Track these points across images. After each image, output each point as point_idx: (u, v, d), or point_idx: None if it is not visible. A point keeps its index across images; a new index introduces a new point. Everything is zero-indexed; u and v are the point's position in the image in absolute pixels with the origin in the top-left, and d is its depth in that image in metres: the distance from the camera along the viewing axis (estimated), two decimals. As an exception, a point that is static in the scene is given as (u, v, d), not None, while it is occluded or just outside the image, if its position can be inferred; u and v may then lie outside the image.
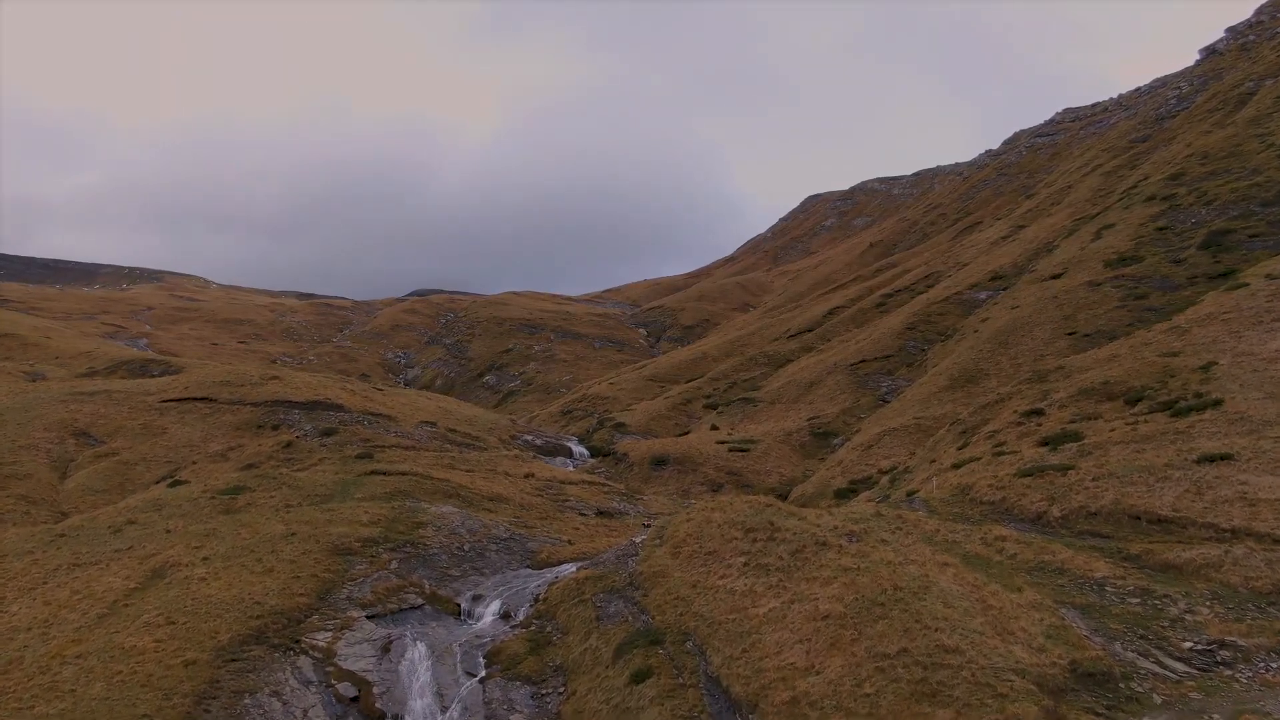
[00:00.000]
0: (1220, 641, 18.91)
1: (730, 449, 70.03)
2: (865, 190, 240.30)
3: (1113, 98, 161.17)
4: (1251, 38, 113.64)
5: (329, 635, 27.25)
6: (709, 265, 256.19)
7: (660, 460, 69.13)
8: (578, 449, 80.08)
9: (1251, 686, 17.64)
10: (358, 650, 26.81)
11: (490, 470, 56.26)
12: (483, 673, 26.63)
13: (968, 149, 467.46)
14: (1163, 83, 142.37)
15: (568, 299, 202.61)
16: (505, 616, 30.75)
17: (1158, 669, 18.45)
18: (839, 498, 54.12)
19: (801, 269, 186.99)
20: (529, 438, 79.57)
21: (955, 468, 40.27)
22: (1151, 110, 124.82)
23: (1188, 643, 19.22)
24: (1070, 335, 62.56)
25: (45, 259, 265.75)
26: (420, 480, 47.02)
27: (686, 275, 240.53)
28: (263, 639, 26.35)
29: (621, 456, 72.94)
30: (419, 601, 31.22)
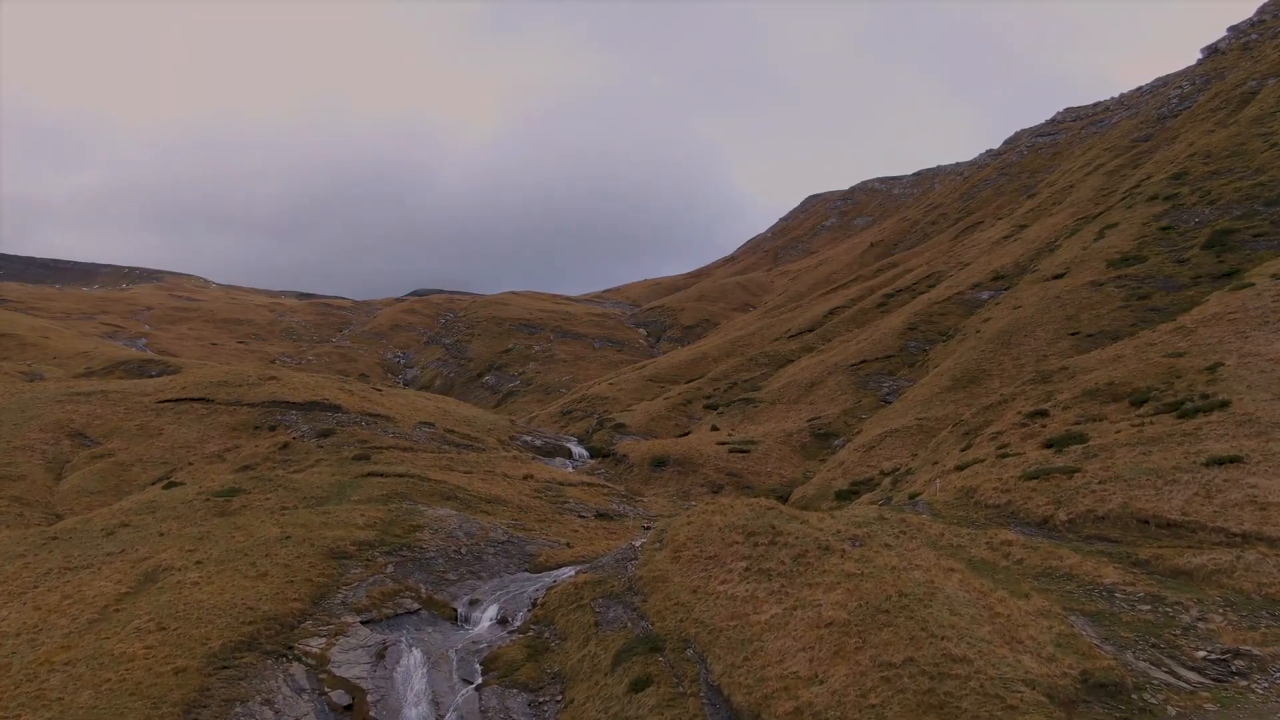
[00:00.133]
0: (1235, 650, 18.43)
1: (730, 450, 69.56)
2: (866, 190, 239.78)
3: (1114, 97, 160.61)
4: (1254, 37, 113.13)
5: (323, 641, 26.76)
6: (709, 265, 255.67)
7: (660, 461, 68.65)
8: (577, 450, 79.62)
9: (1268, 698, 17.16)
10: (352, 657, 26.32)
11: (489, 472, 55.80)
12: (479, 680, 26.13)
13: (968, 149, 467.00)
14: (1164, 82, 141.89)
15: (567, 299, 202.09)
16: (503, 622, 30.26)
17: (1171, 679, 17.97)
18: (840, 499, 53.65)
19: (802, 269, 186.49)
20: (528, 438, 79.10)
21: (958, 470, 39.80)
22: (1153, 109, 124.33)
23: (1201, 652, 18.74)
24: (1073, 335, 62.10)
25: (44, 259, 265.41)
26: (418, 482, 46.55)
27: (686, 275, 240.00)
28: (255, 645, 25.86)
29: (621, 457, 72.46)
30: (415, 606, 30.73)
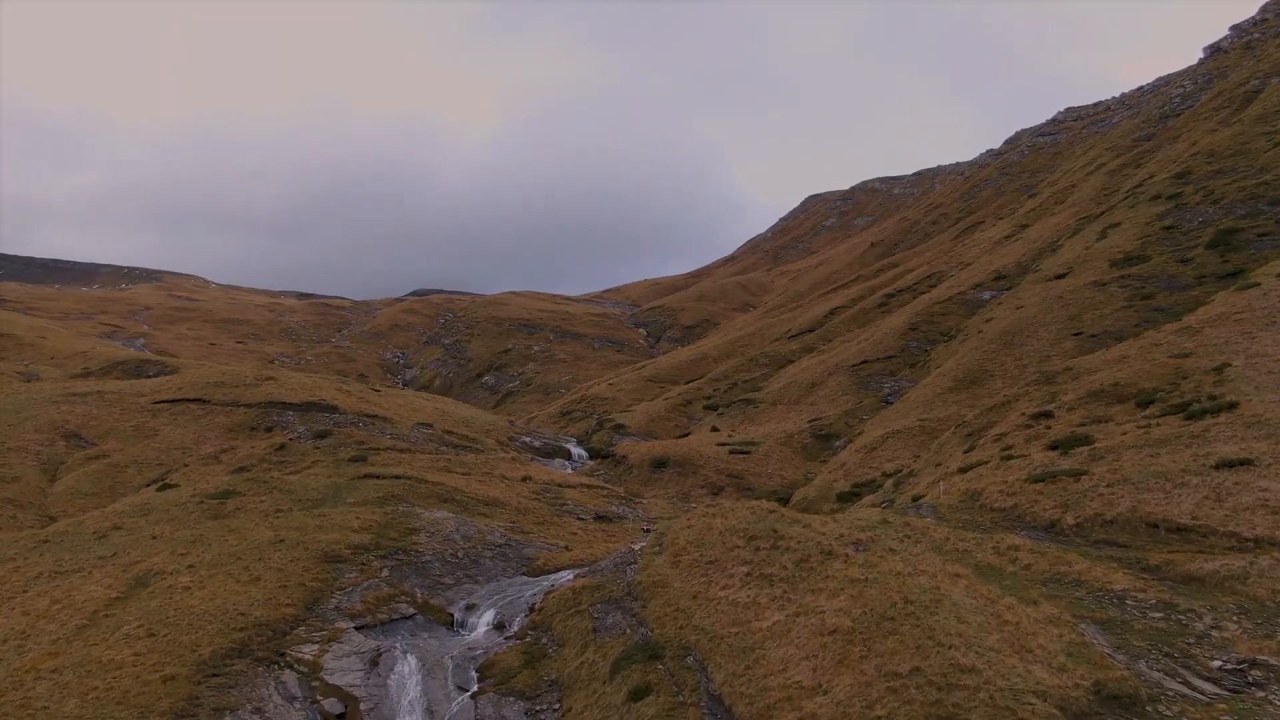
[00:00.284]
0: (1251, 660, 17.90)
1: (731, 451, 69.04)
2: (866, 190, 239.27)
3: (1115, 96, 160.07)
4: (1256, 35, 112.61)
5: (315, 648, 26.24)
6: (709, 265, 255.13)
7: (660, 462, 68.13)
8: (576, 451, 79.10)
9: (1287, 710, 16.63)
10: (345, 663, 25.79)
11: (487, 473, 55.28)
12: (475, 687, 25.60)
13: (968, 149, 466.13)
14: (1166, 81, 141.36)
15: (567, 299, 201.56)
16: (499, 627, 29.73)
17: (1186, 690, 17.44)
18: (841, 501, 53.14)
19: (802, 269, 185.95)
20: (527, 439, 78.59)
21: (962, 472, 39.28)
22: (1155, 109, 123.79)
23: (1216, 661, 18.22)
24: (1076, 336, 61.59)
25: (44, 259, 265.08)
26: (414, 484, 46.02)
27: (686, 275, 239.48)
28: (246, 652, 25.33)
29: (621, 459, 71.94)
30: (410, 611, 30.21)
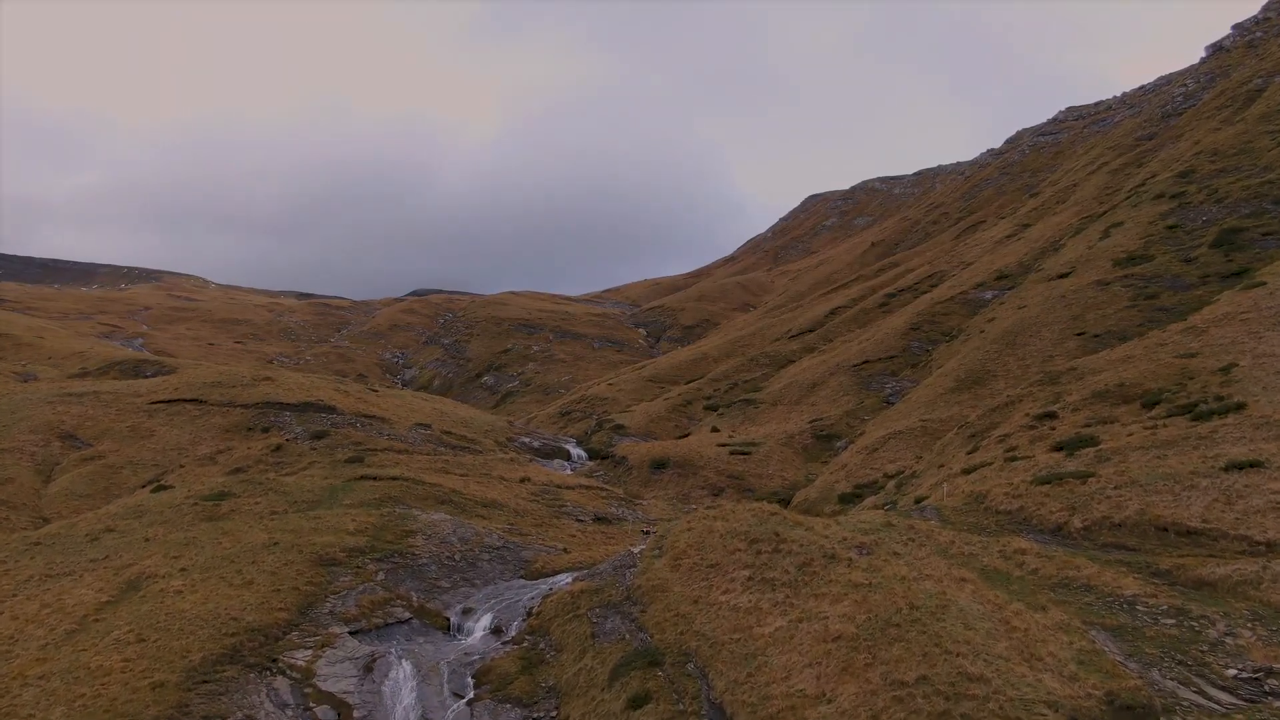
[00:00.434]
0: (1267, 669, 17.39)
1: (731, 452, 68.53)
2: (866, 190, 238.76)
3: (1116, 96, 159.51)
4: (1259, 34, 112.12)
5: (308, 654, 25.73)
6: (709, 265, 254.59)
7: (660, 463, 67.64)
8: (576, 451, 78.59)
9: (1305, 721, 16.14)
10: (339, 670, 25.28)
11: (485, 474, 54.78)
12: (471, 694, 25.09)
13: (969, 148, 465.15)
14: (1168, 80, 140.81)
15: (567, 299, 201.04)
16: (496, 631, 29.24)
17: (1201, 700, 16.94)
18: (843, 503, 52.66)
19: (802, 269, 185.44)
20: (526, 440, 78.09)
21: (965, 473, 38.79)
22: (1157, 108, 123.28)
23: (1231, 670, 17.72)
24: (1079, 336, 61.11)
25: (43, 259, 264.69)
26: (411, 485, 45.52)
27: (686, 275, 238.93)
28: (237, 658, 24.84)
29: (620, 459, 71.43)
30: (406, 615, 29.71)
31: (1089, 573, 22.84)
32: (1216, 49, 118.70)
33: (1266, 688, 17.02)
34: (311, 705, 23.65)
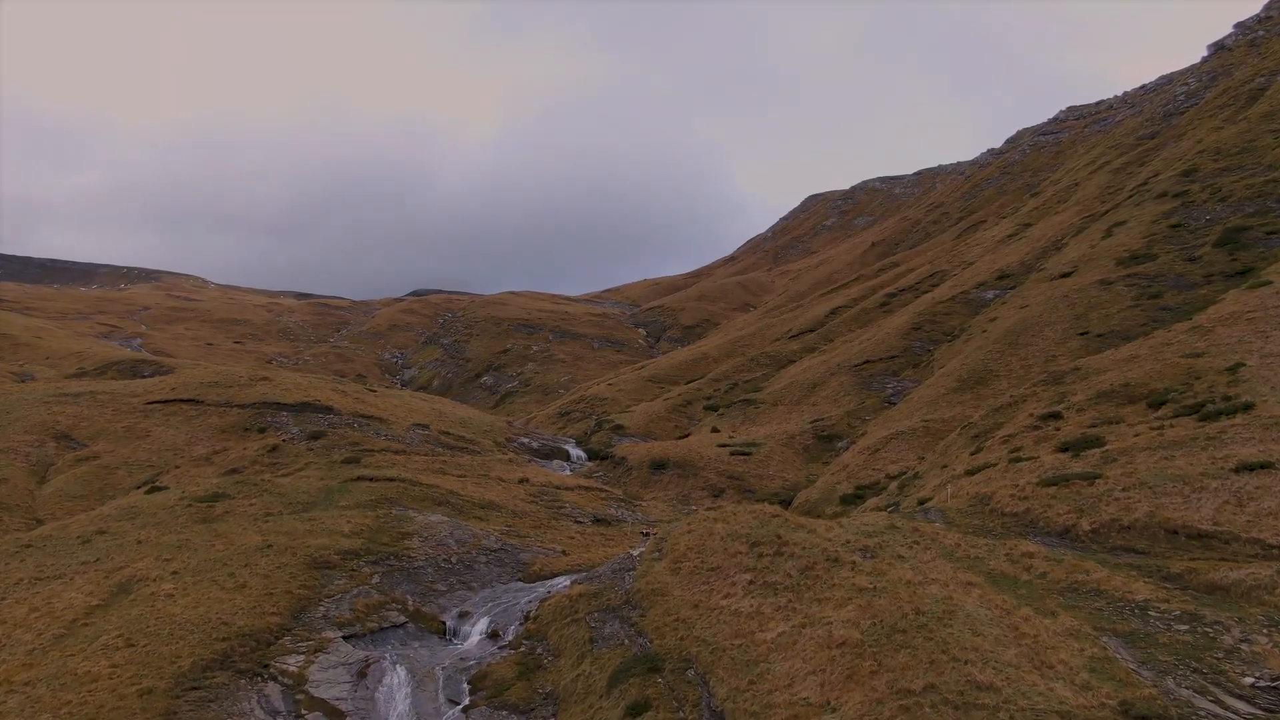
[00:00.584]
0: (1286, 677, 16.89)
1: (731, 452, 68.01)
2: (866, 190, 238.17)
3: (1117, 95, 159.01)
4: (1261, 33, 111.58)
5: (301, 659, 25.22)
6: (709, 265, 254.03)
7: (659, 464, 67.12)
8: (575, 452, 78.03)
9: (1326, 731, 15.64)
10: (331, 675, 24.78)
11: (483, 475, 54.27)
12: (466, 700, 24.58)
13: (969, 148, 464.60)
14: (1169, 79, 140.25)
15: (566, 299, 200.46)
16: (493, 636, 28.73)
17: (1219, 710, 16.43)
18: (845, 504, 52.16)
19: (802, 269, 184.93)
20: (525, 440, 77.56)
21: (969, 474, 38.29)
22: (1159, 107, 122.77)
23: (1248, 678, 17.21)
24: (1083, 335, 60.61)
25: (42, 259, 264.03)
26: (408, 486, 45.00)
27: (687, 275, 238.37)
28: (228, 663, 24.32)
29: (620, 460, 70.90)
30: (401, 619, 29.21)
31: (1099, 577, 22.33)
32: (1218, 48, 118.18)
33: (1285, 697, 16.49)
34: (303, 712, 23.15)
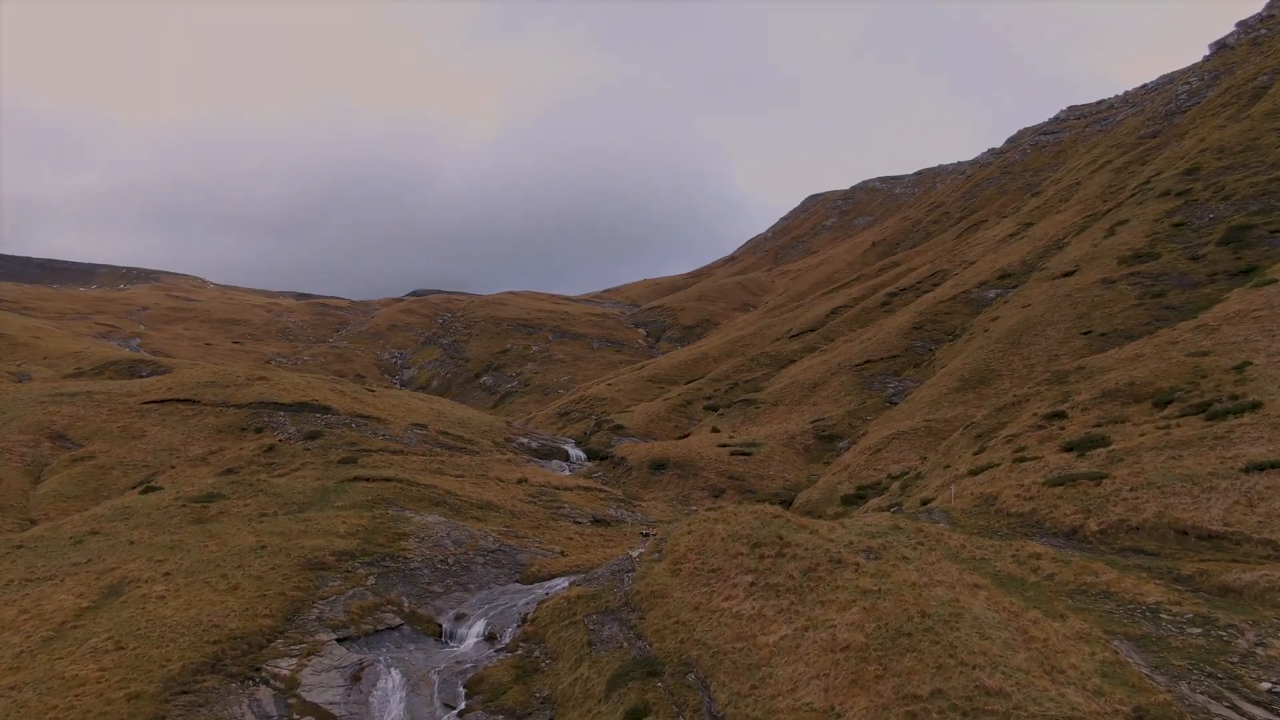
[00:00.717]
0: (1303, 682, 16.42)
1: (732, 453, 67.54)
2: (866, 190, 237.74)
3: (1118, 95, 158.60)
4: (1264, 31, 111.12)
5: (293, 662, 24.74)
6: (709, 265, 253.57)
7: (659, 464, 66.64)
8: (574, 452, 77.54)
9: (1346, 738, 15.17)
10: (324, 679, 24.29)
11: (481, 475, 53.79)
12: (462, 704, 24.10)
13: (969, 148, 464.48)
14: (1170, 79, 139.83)
15: (566, 299, 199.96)
16: (490, 638, 28.25)
17: (1235, 716, 15.94)
18: (846, 505, 51.70)
19: (803, 268, 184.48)
20: (524, 440, 77.07)
21: (973, 474, 37.82)
22: (1161, 106, 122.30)
23: (1265, 683, 16.73)
24: (1086, 334, 60.17)
25: (41, 259, 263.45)
26: (405, 486, 44.52)
27: (687, 275, 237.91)
28: (219, 667, 23.84)
29: (619, 460, 70.43)
30: (397, 621, 28.72)
31: (1108, 578, 21.85)
32: (1220, 46, 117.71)
33: (1303, 702, 16.03)
34: (295, 717, 22.66)
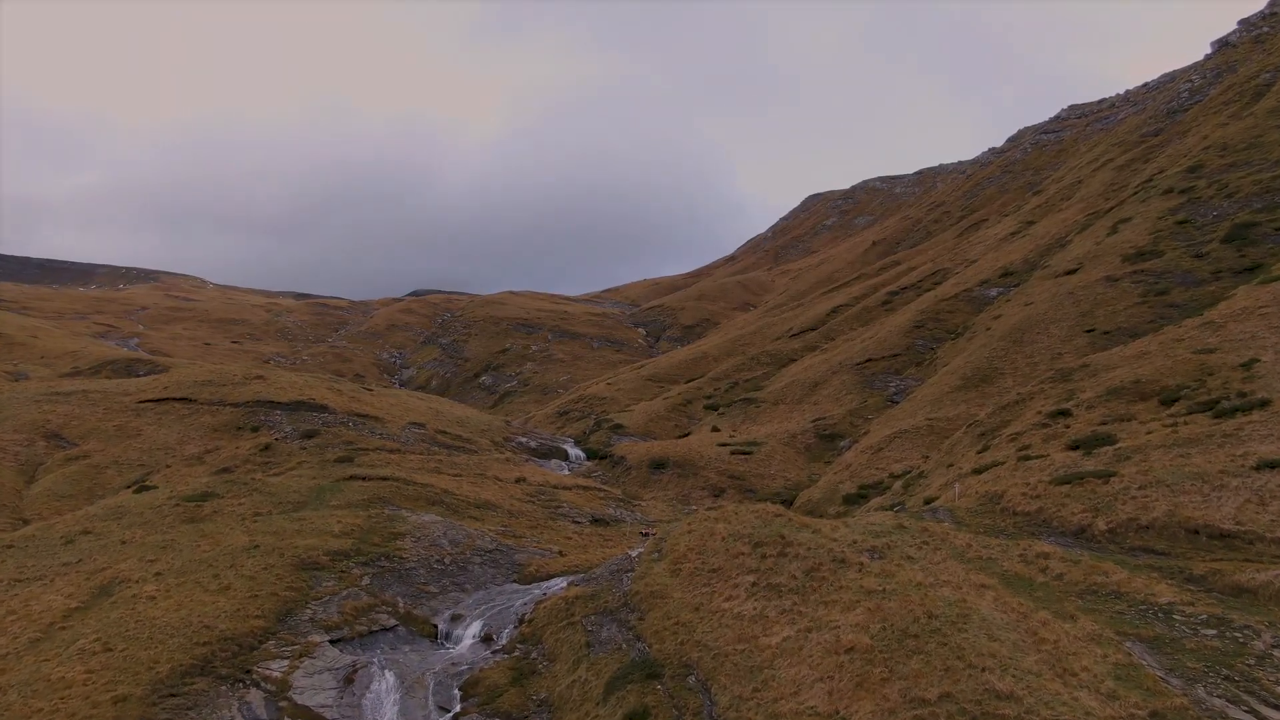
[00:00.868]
0: (1324, 686, 15.91)
1: (732, 452, 67.02)
2: (867, 189, 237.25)
3: (1119, 93, 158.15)
4: (1265, 29, 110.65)
5: (285, 664, 24.21)
6: (709, 265, 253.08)
7: (659, 463, 66.12)
8: (574, 451, 77.03)
9: (1369, 743, 14.67)
10: (317, 681, 23.77)
11: (479, 474, 53.27)
12: (457, 707, 23.57)
13: (970, 148, 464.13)
14: (1172, 77, 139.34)
15: (566, 299, 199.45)
16: (486, 639, 27.73)
17: (1254, 721, 15.45)
18: (848, 504, 51.18)
19: (803, 268, 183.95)
20: (523, 439, 76.55)
21: (977, 473, 37.30)
22: (1162, 104, 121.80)
23: (1283, 687, 16.22)
24: (1089, 333, 59.67)
25: (41, 259, 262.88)
26: (402, 486, 43.99)
27: (687, 275, 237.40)
28: (209, 669, 23.32)
29: (619, 459, 69.91)
30: (391, 623, 28.20)
31: (1118, 578, 21.35)
32: (1222, 44, 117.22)
33: (1324, 706, 15.52)
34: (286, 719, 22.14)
